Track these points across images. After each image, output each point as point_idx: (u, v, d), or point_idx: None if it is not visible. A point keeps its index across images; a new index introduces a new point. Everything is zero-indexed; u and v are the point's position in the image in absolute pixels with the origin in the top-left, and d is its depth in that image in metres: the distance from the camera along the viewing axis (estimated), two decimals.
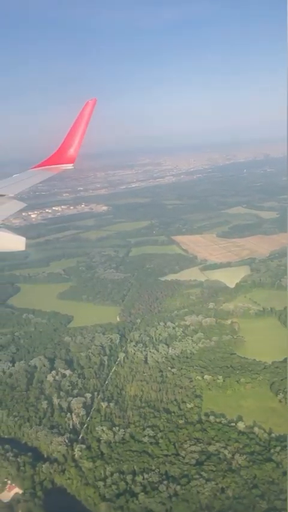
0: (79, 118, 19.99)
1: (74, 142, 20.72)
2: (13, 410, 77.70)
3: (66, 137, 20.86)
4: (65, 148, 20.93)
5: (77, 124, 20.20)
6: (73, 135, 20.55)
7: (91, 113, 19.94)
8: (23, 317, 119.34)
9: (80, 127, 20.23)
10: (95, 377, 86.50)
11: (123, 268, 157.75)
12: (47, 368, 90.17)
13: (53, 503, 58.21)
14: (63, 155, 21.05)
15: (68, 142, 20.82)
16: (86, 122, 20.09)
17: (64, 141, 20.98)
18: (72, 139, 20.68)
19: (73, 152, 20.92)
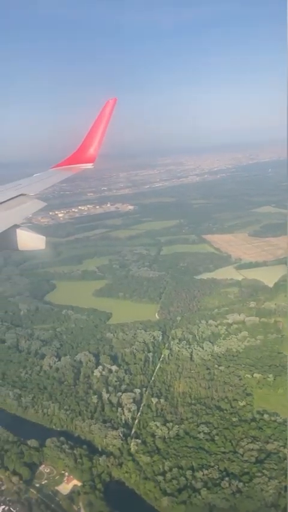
0: (99, 117, 19.77)
1: (94, 141, 20.51)
2: (64, 403, 78.69)
3: (87, 137, 20.65)
4: (85, 148, 20.79)
5: (97, 124, 19.95)
6: (93, 135, 20.34)
7: (111, 112, 19.71)
8: (62, 313, 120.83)
9: (100, 127, 19.99)
10: (141, 373, 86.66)
11: (156, 266, 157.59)
12: (92, 363, 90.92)
13: (113, 496, 58.47)
14: (83, 154, 20.89)
15: (88, 141, 20.64)
16: (107, 121, 19.84)
17: (84, 141, 20.81)
18: (93, 139, 20.48)
19: (93, 151, 20.73)
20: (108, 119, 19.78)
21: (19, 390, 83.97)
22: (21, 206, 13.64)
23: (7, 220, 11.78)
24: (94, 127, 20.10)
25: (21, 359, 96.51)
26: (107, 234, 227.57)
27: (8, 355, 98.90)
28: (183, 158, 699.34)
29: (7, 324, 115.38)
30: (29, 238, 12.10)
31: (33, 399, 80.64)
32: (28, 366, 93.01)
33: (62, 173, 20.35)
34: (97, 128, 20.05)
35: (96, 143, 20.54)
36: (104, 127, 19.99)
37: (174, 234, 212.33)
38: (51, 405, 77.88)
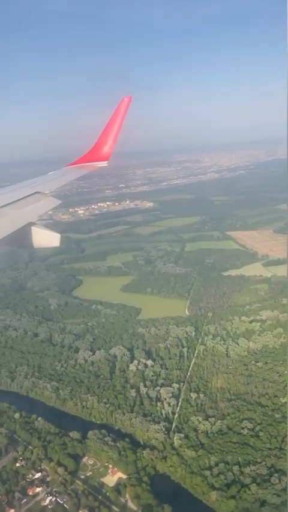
0: (114, 115, 19.55)
1: (109, 139, 20.33)
2: (102, 397, 79.00)
3: (101, 135, 20.45)
4: (100, 146, 20.60)
5: (112, 122, 19.74)
6: (108, 133, 20.17)
7: (126, 110, 19.47)
8: (92, 308, 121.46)
9: (115, 125, 19.79)
10: (177, 368, 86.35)
11: (182, 262, 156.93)
12: (127, 358, 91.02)
13: (159, 489, 58.37)
14: (97, 152, 20.73)
15: (103, 139, 20.45)
16: (121, 119, 19.61)
17: (99, 139, 20.61)
18: (107, 137, 20.31)
19: (108, 149, 20.56)
20: (123, 117, 19.61)
21: (56, 383, 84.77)
22: (36, 204, 13.56)
23: (22, 218, 11.70)
24: (109, 125, 19.97)
25: (56, 353, 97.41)
26: (129, 230, 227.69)
27: (42, 348, 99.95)
28: (199, 155, 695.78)
29: (38, 318, 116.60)
30: (44, 235, 12.06)
31: (71, 392, 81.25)
32: (63, 360, 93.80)
33: (77, 171, 20.37)
34: (112, 126, 19.92)
35: (111, 141, 20.43)
36: (118, 125, 19.84)
37: (197, 231, 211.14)
38: (90, 398, 78.31)
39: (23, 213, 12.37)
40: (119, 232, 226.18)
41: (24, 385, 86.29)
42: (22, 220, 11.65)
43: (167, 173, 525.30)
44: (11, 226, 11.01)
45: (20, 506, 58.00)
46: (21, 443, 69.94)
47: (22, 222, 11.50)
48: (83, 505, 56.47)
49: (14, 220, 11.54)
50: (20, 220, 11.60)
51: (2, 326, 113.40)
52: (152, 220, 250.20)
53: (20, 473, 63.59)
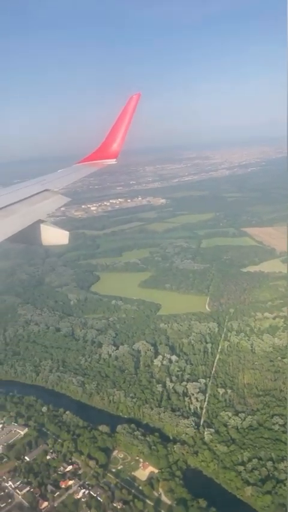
0: (123, 112, 19.38)
1: (118, 137, 20.23)
2: (129, 391, 79.04)
3: (110, 132, 20.31)
4: (109, 143, 20.48)
5: (120, 119, 19.59)
6: (117, 130, 20.02)
7: (135, 107, 19.30)
8: (112, 303, 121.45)
9: (124, 122, 19.65)
10: (202, 364, 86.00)
11: (200, 259, 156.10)
12: (151, 353, 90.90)
13: (192, 484, 58.19)
14: (106, 150, 20.62)
15: (112, 137, 20.33)
16: (130, 116, 19.46)
17: (108, 136, 20.45)
18: (116, 134, 20.20)
19: (116, 147, 20.43)
20: (132, 114, 19.46)
21: (82, 377, 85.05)
22: (45, 201, 13.49)
23: (32, 216, 11.63)
24: (118, 123, 19.84)
25: (79, 347, 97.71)
26: (143, 227, 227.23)
27: (65, 343, 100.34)
28: (208, 152, 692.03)
29: (59, 313, 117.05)
30: (53, 233, 12.03)
31: (97, 387, 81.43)
32: (87, 354, 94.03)
33: (86, 168, 20.27)
34: (120, 123, 19.81)
35: (120, 139, 20.34)
36: (127, 122, 19.72)
37: (212, 227, 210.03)
38: (117, 392, 78.37)
39: (32, 211, 12.29)
40: (133, 228, 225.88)
41: (49, 379, 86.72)
42: (31, 217, 11.60)
43: (177, 170, 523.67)
44: (20, 223, 10.94)
45: (53, 499, 58.28)
46: (51, 436, 70.38)
47: (31, 219, 11.46)
48: (117, 498, 56.52)
49: (23, 217, 11.45)
50: (29, 217, 11.55)
51: (24, 321, 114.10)
52: (166, 216, 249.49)
53: (51, 466, 63.95)
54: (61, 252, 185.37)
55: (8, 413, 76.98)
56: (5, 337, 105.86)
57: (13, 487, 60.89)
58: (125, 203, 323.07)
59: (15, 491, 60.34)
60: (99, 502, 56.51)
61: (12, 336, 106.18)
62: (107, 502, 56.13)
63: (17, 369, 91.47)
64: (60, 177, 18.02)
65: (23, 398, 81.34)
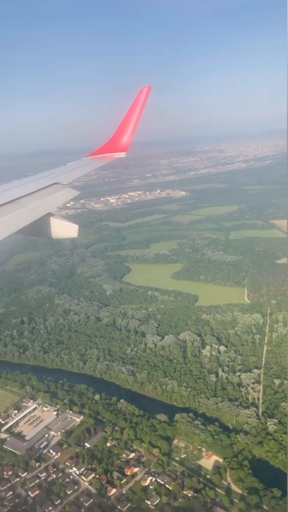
0: (133, 105, 19.00)
1: (128, 130, 19.89)
2: (181, 381, 78.50)
3: (120, 125, 19.92)
4: (119, 136, 20.16)
5: (131, 112, 19.24)
6: (127, 123, 19.67)
7: (145, 100, 18.90)
8: (148, 294, 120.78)
9: (134, 115, 19.29)
10: (252, 355, 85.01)
11: (231, 250, 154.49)
12: (198, 343, 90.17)
13: (261, 474, 57.50)
14: (116, 143, 20.30)
15: (122, 130, 19.97)
16: (140, 109, 19.08)
17: (118, 129, 20.11)
18: (126, 127, 19.83)
19: (126, 140, 20.14)
20: (142, 107, 19.04)
21: (131, 366, 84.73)
22: (55, 194, 13.48)
23: (41, 209, 11.68)
24: (128, 115, 19.49)
25: (123, 337, 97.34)
26: (167, 219, 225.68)
27: (108, 332, 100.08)
28: (222, 145, 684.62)
29: (97, 303, 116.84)
30: (63, 226, 11.97)
31: (148, 376, 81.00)
32: (131, 344, 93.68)
33: (96, 161, 20.00)
34: (131, 116, 19.44)
35: (130, 132, 19.98)
36: (137, 115, 19.32)
37: (238, 219, 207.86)
38: (169, 382, 77.88)
39: (42, 204, 12.26)
40: (157, 220, 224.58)
41: (97, 368, 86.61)
42: (41, 210, 11.63)
43: (192, 162, 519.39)
44: (30, 216, 10.92)
45: (121, 486, 58.12)
46: (107, 423, 70.27)
47: (41, 212, 11.50)
48: (187, 486, 56.09)
49: (33, 210, 11.42)
50: (39, 210, 11.57)
51: (62, 310, 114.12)
52: (188, 209, 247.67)
53: (113, 453, 63.80)
54: (88, 243, 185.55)
55: (61, 400, 77.10)
56: (46, 326, 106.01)
57: (78, 474, 60.92)
58: (143, 195, 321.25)
59: (80, 477, 60.37)
60: (169, 490, 56.19)
61: (53, 325, 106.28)
62: (176, 489, 55.76)
63: (63, 357, 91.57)
64: (70, 170, 17.81)
65: (74, 386, 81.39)
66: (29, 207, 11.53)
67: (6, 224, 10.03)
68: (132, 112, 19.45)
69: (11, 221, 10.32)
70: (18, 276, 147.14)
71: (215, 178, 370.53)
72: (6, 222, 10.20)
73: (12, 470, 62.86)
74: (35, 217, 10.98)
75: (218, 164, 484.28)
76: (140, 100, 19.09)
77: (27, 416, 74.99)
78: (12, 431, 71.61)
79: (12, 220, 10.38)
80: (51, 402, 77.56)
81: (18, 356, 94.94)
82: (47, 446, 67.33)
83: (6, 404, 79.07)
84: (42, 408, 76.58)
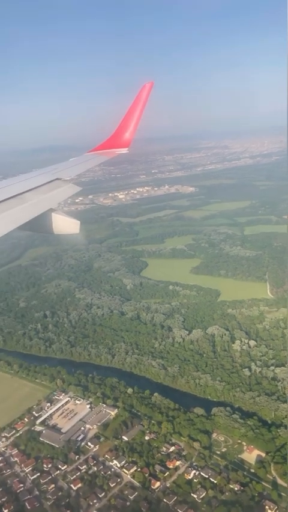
0: (135, 101, 18.93)
1: (130, 126, 19.84)
2: (214, 375, 77.98)
3: (122, 121, 19.84)
4: (121, 132, 20.11)
5: (133, 108, 19.16)
6: (129, 119, 19.59)
7: (148, 96, 18.82)
8: (169, 289, 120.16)
9: (136, 111, 19.21)
10: (284, 349, 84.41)
11: (249, 245, 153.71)
12: (227, 337, 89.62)
13: None
14: (118, 139, 20.25)
15: (124, 126, 19.91)
16: (143, 105, 19.00)
17: (120, 125, 20.02)
18: (128, 123, 19.77)
19: (128, 136, 20.08)
20: (145, 103, 18.94)
21: (161, 360, 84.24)
22: (56, 190, 13.46)
23: (43, 204, 11.66)
24: (130, 111, 19.39)
25: (149, 331, 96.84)
26: (179, 214, 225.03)
27: (133, 326, 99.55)
28: (226, 141, 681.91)
29: (118, 298, 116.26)
30: (65, 222, 11.93)
31: (179, 370, 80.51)
32: (159, 338, 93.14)
33: (98, 157, 19.92)
34: (133, 112, 19.34)
35: (132, 128, 19.89)
36: (140, 111, 19.22)
37: (251, 215, 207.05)
38: (202, 376, 77.39)
39: (44, 199, 12.24)
40: (169, 216, 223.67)
41: (126, 361, 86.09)
42: (43, 206, 11.63)
43: (197, 159, 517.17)
44: (32, 211, 10.91)
45: (164, 479, 57.69)
46: (143, 417, 69.75)
47: (43, 208, 11.50)
48: (233, 479, 55.64)
49: (35, 206, 11.40)
50: (41, 206, 11.55)
51: (85, 304, 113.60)
52: (199, 204, 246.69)
53: (153, 446, 63.34)
54: (102, 239, 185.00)
55: (93, 394, 76.67)
56: (70, 320, 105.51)
57: (119, 466, 60.50)
58: (152, 191, 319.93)
59: (121, 470, 59.96)
60: (214, 484, 55.75)
61: (77, 319, 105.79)
62: (222, 483, 55.32)
63: (90, 351, 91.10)
64: (72, 166, 17.77)
65: (105, 379, 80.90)
66: (31, 203, 11.49)
67: (8, 219, 9.99)
68: (135, 108, 19.31)
69: (13, 216, 10.25)
70: (36, 271, 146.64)
71: (222, 174, 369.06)
72: (8, 217, 10.14)
73: (51, 462, 62.47)
74: (36, 213, 10.93)
75: (224, 160, 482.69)
76: (143, 96, 18.97)
77: (60, 409, 74.55)
78: (47, 423, 71.15)
79: (14, 216, 10.33)
80: (83, 395, 77.08)
81: (44, 350, 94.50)
82: (84, 439, 66.90)
83: (38, 397, 78.67)
84: (75, 402, 76.12)
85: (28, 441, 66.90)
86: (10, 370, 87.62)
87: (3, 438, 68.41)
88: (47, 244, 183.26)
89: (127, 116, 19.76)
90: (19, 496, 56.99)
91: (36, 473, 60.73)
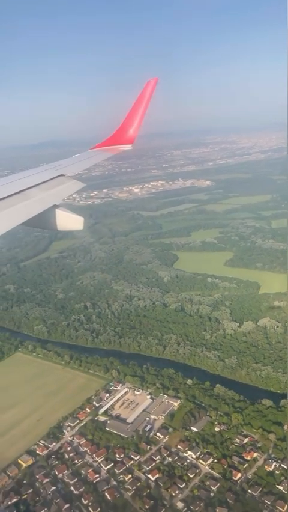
0: (140, 97, 18.96)
1: (134, 122, 19.84)
2: (275, 367, 76.89)
3: (126, 118, 19.88)
4: (125, 129, 20.15)
5: (137, 104, 19.17)
6: (133, 115, 19.61)
7: (152, 93, 18.83)
8: (208, 281, 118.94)
9: (141, 107, 19.21)
10: None
11: (280, 238, 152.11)
12: (280, 329, 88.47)
13: None
14: (122, 135, 20.28)
15: (128, 122, 19.94)
16: (147, 102, 19.02)
17: (124, 121, 20.06)
18: (133, 120, 19.79)
19: (132, 132, 20.10)
20: (149, 99, 18.94)
21: (217, 351, 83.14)
22: (60, 186, 13.61)
23: (47, 200, 11.78)
24: (134, 108, 19.37)
25: (197, 322, 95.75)
26: (200, 208, 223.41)
27: (179, 318, 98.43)
28: (233, 136, 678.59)
29: (157, 290, 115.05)
30: (68, 218, 11.96)
31: (237, 361, 79.41)
32: (208, 329, 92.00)
33: (101, 154, 19.98)
34: (137, 109, 19.33)
35: (136, 124, 19.89)
36: (144, 107, 19.21)
37: (275, 208, 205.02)
38: (263, 367, 76.26)
39: (47, 195, 12.33)
40: (189, 209, 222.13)
41: (179, 353, 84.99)
42: (47, 202, 11.68)
43: (206, 153, 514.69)
44: (36, 208, 11.00)
45: (244, 470, 56.67)
46: (208, 408, 68.65)
47: (47, 204, 11.55)
48: None
49: (39, 202, 11.48)
50: (45, 202, 11.61)
51: (124, 296, 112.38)
52: (219, 198, 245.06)
53: (225, 438, 62.29)
54: (125, 232, 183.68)
55: (152, 384, 75.55)
56: (112, 311, 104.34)
57: (194, 457, 59.44)
58: (167, 185, 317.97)
59: (198, 461, 58.89)
60: None
61: (119, 310, 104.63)
62: None
63: (140, 342, 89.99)
64: (76, 162, 17.73)
65: (160, 370, 79.82)
66: (35, 199, 11.59)
67: (12, 215, 10.07)
68: (139, 105, 19.25)
69: (17, 212, 10.34)
70: (66, 263, 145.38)
71: (235, 168, 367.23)
72: (13, 213, 10.21)
73: (123, 452, 61.46)
74: (40, 209, 11.03)
75: (234, 155, 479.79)
76: (147, 93, 18.90)
77: (120, 400, 73.48)
78: (110, 414, 70.10)
79: (19, 212, 10.40)
80: (142, 386, 76.01)
81: (91, 340, 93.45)
82: (152, 429, 65.82)
83: (94, 387, 77.54)
84: (134, 392, 75.01)
85: (95, 431, 65.83)
86: (61, 361, 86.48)
87: (68, 428, 67.34)
88: (71, 237, 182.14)
89: (131, 113, 19.64)
90: (97, 486, 55.99)
91: (109, 463, 59.66)
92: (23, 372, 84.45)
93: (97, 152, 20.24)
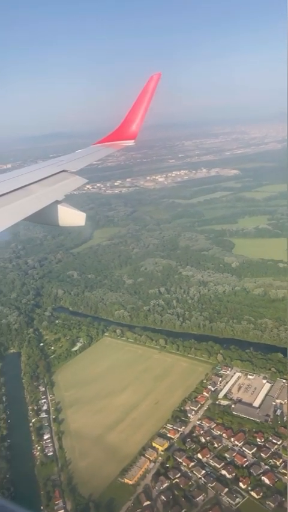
0: (142, 93, 18.78)
1: (137, 117, 19.67)
2: None
3: (129, 113, 19.71)
4: (128, 124, 19.98)
5: (140, 100, 19.02)
6: (136, 111, 19.44)
7: (155, 88, 18.62)
8: (280, 267, 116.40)
9: (143, 103, 19.05)
10: None
11: None
12: None
13: None
14: (125, 131, 20.10)
15: (131, 117, 19.75)
16: (150, 97, 18.79)
17: (127, 117, 19.89)
18: (135, 115, 19.62)
19: (135, 128, 19.89)
20: (152, 95, 18.72)
21: None
22: (62, 182, 13.59)
23: (49, 196, 11.81)
24: (137, 103, 19.21)
25: None
26: (237, 195, 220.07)
27: (267, 303, 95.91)
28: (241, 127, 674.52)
29: (229, 275, 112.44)
30: (70, 214, 11.90)
31: None
32: None
33: (104, 149, 19.90)
34: (140, 104, 19.17)
35: (139, 120, 19.69)
36: (147, 103, 18.99)
37: None
38: None
39: (50, 191, 12.30)
40: (226, 197, 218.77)
41: (280, 337, 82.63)
42: (49, 198, 11.64)
43: (218, 144, 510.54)
44: (38, 203, 11.00)
45: None
46: None
47: (49, 199, 11.51)
48: None
49: (41, 197, 11.46)
50: (47, 198, 11.58)
51: (197, 281, 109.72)
52: (253, 186, 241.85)
53: None
54: (168, 219, 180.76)
55: (264, 369, 73.25)
56: (192, 297, 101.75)
57: None
58: (191, 174, 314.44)
59: None
60: None
61: (198, 296, 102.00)
62: None
63: (233, 327, 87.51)
64: (78, 158, 17.66)
65: (267, 354, 77.53)
66: (37, 194, 11.58)
67: (14, 211, 10.04)
68: (142, 100, 19.05)
69: (19, 208, 10.31)
70: (121, 249, 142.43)
71: (256, 157, 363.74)
72: (15, 208, 10.18)
73: (262, 437, 59.32)
74: (42, 205, 11.00)
75: (249, 145, 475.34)
76: (150, 88, 18.70)
77: (235, 384, 71.23)
78: (231, 397, 67.87)
79: (21, 207, 10.38)
80: (253, 370, 73.77)
81: (179, 325, 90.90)
82: (283, 413, 63.68)
83: (201, 371, 75.24)
84: (247, 376, 72.75)
85: (223, 415, 63.62)
86: (155, 345, 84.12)
87: (192, 412, 65.10)
88: (112, 224, 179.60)
89: (134, 108, 19.40)
90: (251, 470, 53.81)
91: (252, 447, 57.46)
92: (120, 357, 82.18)
93: (99, 148, 20.10)
